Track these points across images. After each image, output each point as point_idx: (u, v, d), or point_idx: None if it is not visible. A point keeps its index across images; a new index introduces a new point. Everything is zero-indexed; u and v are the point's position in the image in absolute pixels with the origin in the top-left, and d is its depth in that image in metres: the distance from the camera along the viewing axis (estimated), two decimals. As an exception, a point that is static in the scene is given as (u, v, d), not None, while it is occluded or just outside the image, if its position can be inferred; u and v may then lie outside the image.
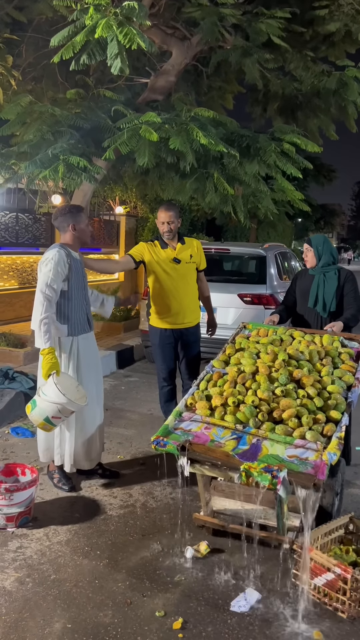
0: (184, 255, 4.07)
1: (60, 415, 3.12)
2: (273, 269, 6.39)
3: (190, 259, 4.09)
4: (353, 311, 3.78)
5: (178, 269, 4.06)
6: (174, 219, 4.00)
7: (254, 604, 2.54)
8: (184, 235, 4.22)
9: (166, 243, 4.09)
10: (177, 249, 4.06)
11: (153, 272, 4.10)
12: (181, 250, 4.07)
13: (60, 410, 3.09)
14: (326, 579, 2.53)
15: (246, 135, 5.26)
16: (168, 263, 4.05)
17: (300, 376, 2.98)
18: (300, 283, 3.99)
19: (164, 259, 4.06)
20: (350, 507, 3.48)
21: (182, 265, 4.06)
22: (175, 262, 4.04)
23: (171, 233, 4.01)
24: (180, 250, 4.07)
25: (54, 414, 3.09)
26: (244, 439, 2.68)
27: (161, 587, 2.64)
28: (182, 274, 4.07)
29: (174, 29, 6.28)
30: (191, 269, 4.11)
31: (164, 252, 4.07)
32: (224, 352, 3.43)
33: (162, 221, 4.02)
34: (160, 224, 4.04)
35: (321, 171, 21.02)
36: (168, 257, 4.05)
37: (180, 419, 2.89)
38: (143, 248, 4.12)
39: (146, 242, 4.15)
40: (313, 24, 6.61)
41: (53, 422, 3.15)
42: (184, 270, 4.07)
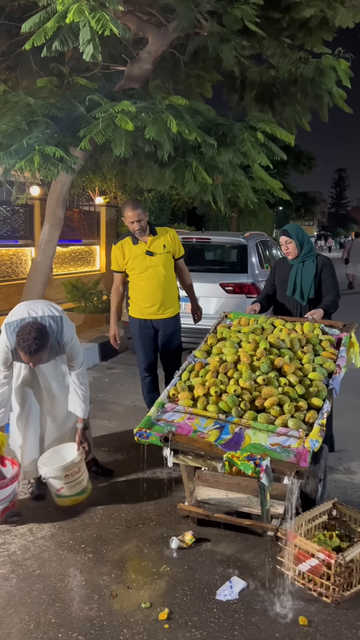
0: (157, 247, 4.04)
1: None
2: (254, 258, 6.38)
3: (164, 249, 4.05)
4: (332, 297, 3.79)
5: (152, 261, 4.03)
6: (142, 217, 3.94)
7: (239, 592, 2.55)
8: (156, 224, 4.16)
9: (137, 238, 4.05)
10: (149, 241, 4.03)
11: (129, 268, 4.08)
12: (153, 242, 4.04)
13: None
14: (310, 564, 2.55)
15: (222, 124, 5.22)
16: (142, 257, 4.02)
17: (281, 364, 2.98)
18: (279, 271, 3.99)
19: (137, 254, 4.02)
20: (334, 492, 3.52)
21: (156, 257, 4.03)
22: (149, 255, 4.01)
23: (142, 230, 3.97)
24: (152, 242, 4.03)
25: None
26: (226, 429, 2.67)
27: (147, 579, 2.64)
28: (158, 266, 4.03)
29: (149, 15, 6.19)
30: (167, 259, 4.08)
31: (137, 247, 4.03)
32: (206, 342, 3.42)
33: (130, 221, 3.95)
34: (130, 224, 3.97)
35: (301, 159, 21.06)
36: (141, 251, 4.02)
37: (163, 410, 2.87)
38: (117, 254, 4.10)
39: (117, 244, 4.10)
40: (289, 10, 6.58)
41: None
42: (158, 261, 4.04)
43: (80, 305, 8.36)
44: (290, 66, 6.07)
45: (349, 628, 2.35)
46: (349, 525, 2.91)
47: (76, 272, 10.40)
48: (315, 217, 42.26)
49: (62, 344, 3.14)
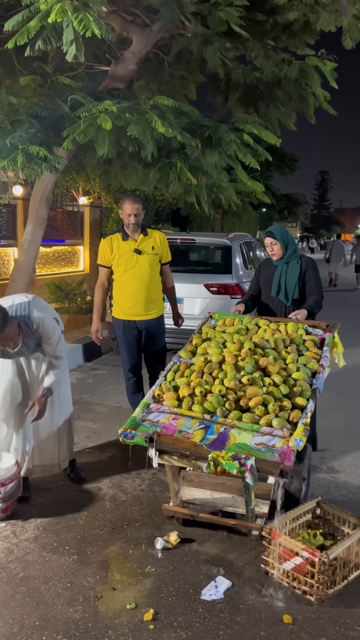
0: (146, 247, 4.04)
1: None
2: (238, 259, 6.41)
3: (152, 250, 4.06)
4: (316, 298, 3.82)
5: (140, 260, 4.03)
6: (140, 211, 3.97)
7: (224, 591, 2.56)
8: (148, 226, 4.18)
9: (128, 235, 4.05)
10: (139, 240, 4.03)
11: (115, 264, 4.07)
12: (143, 241, 4.04)
13: None
14: (295, 563, 2.57)
15: (207, 125, 5.23)
16: (130, 254, 4.02)
17: (266, 364, 3.00)
18: (263, 272, 4.01)
19: (125, 251, 4.02)
20: (318, 491, 3.54)
21: (144, 257, 4.03)
22: (137, 254, 4.01)
23: (137, 225, 3.98)
24: (141, 242, 4.03)
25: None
26: (211, 429, 2.68)
27: (132, 580, 2.63)
28: (144, 266, 4.03)
29: (134, 16, 6.18)
30: (154, 260, 4.08)
31: (126, 244, 4.03)
32: (191, 343, 3.42)
33: (128, 213, 3.98)
34: (127, 216, 3.99)
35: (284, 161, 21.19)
36: (129, 248, 4.02)
37: (148, 410, 2.87)
38: (105, 248, 4.10)
39: (106, 238, 4.11)
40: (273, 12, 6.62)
41: None
42: (145, 261, 4.04)
43: (64, 305, 8.31)
44: (274, 68, 6.11)
45: (333, 625, 2.37)
46: (332, 523, 2.93)
47: (60, 272, 10.35)
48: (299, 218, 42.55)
49: (32, 326, 3.07)
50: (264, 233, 3.94)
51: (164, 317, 4.27)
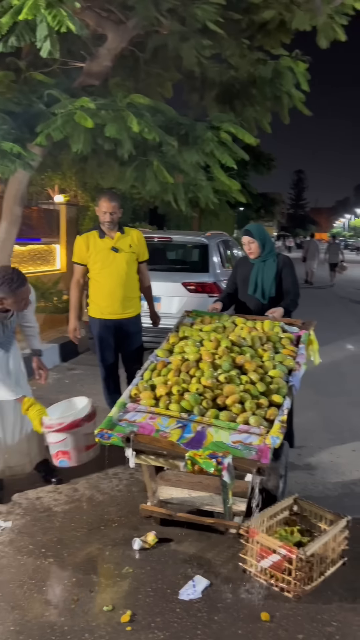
0: (123, 245, 4.01)
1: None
2: (216, 257, 6.41)
3: (130, 248, 4.03)
4: (292, 296, 3.84)
5: (117, 258, 4.00)
6: (116, 210, 3.93)
7: (202, 590, 2.55)
8: (124, 224, 4.15)
9: (104, 233, 4.01)
10: (116, 238, 4.00)
11: (92, 262, 4.03)
12: (119, 239, 4.01)
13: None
14: (272, 560, 2.57)
15: (184, 124, 5.21)
16: (106, 252, 3.98)
17: (243, 362, 3.00)
18: (240, 270, 4.02)
19: (102, 248, 3.99)
20: (295, 488, 3.55)
21: (121, 255, 4.00)
22: (114, 252, 3.98)
23: (112, 223, 3.94)
24: (118, 239, 4.00)
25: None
26: (188, 427, 2.67)
27: (109, 581, 2.61)
28: (121, 264, 4.00)
29: (108, 12, 6.12)
30: (131, 258, 4.05)
31: (102, 242, 4.00)
32: (168, 341, 3.40)
33: (104, 211, 3.94)
34: (102, 214, 3.96)
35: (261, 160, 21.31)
36: (106, 246, 3.98)
37: (125, 410, 2.85)
38: (81, 245, 4.05)
39: (82, 235, 4.07)
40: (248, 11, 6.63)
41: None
42: (123, 259, 4.01)
43: (40, 305, 8.22)
44: (249, 67, 6.12)
45: (310, 622, 2.38)
46: (309, 520, 2.94)
47: (35, 271, 10.22)
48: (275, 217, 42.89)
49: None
50: (242, 231, 3.94)
51: (140, 316, 4.24)
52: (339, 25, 5.82)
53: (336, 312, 11.78)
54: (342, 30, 5.84)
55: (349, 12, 5.67)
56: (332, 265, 18.32)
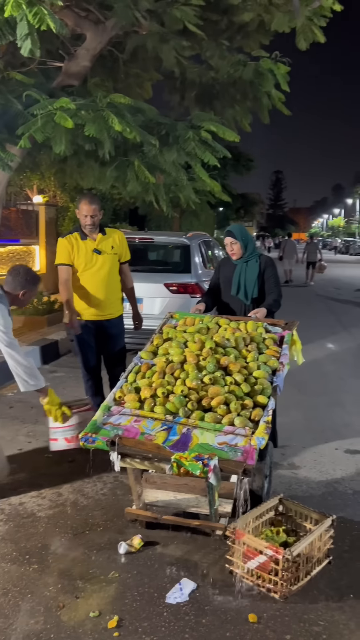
0: (105, 246, 3.99)
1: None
2: (197, 258, 6.41)
3: (112, 250, 4.01)
4: (275, 296, 3.86)
5: (99, 260, 3.98)
6: (97, 212, 3.90)
7: (189, 593, 2.54)
8: (106, 225, 4.12)
9: (86, 234, 3.98)
10: (98, 239, 3.97)
11: (75, 264, 3.99)
12: (102, 241, 3.98)
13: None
14: (258, 561, 2.57)
15: (165, 123, 5.20)
16: (88, 254, 3.95)
17: (227, 363, 2.99)
18: (223, 271, 4.01)
19: (84, 250, 3.96)
20: (279, 488, 3.57)
21: (103, 257, 3.98)
22: (96, 253, 3.95)
23: (93, 226, 3.92)
24: (100, 241, 3.98)
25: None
26: (174, 429, 2.65)
27: (95, 587, 2.58)
28: (103, 265, 3.98)
29: (87, 12, 6.08)
30: (113, 260, 4.03)
31: (84, 244, 3.97)
32: (152, 343, 3.38)
33: (84, 214, 3.92)
34: (83, 217, 3.93)
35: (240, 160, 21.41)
36: (88, 248, 3.96)
37: (109, 413, 2.82)
38: (64, 247, 4.02)
39: (64, 237, 4.03)
40: (228, 13, 6.64)
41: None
42: (104, 261, 3.99)
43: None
44: (229, 68, 6.13)
45: (297, 622, 2.39)
46: (295, 520, 2.95)
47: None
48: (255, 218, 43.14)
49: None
50: (224, 232, 3.94)
51: (122, 318, 4.22)
52: (317, 27, 5.87)
53: (317, 312, 11.89)
54: (320, 32, 5.89)
55: (327, 14, 5.73)
56: (310, 264, 18.85)
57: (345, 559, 2.84)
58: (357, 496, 3.53)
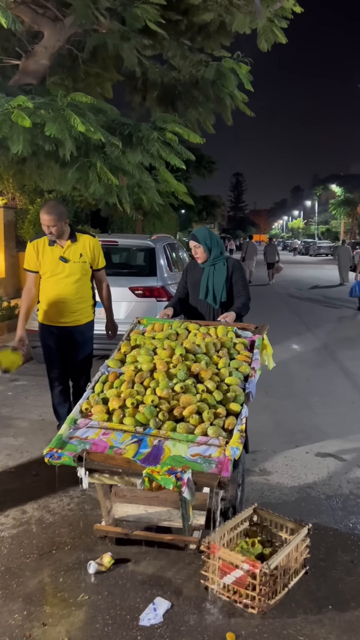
0: (72, 254, 3.84)
1: None
2: (162, 261, 6.30)
3: (80, 258, 3.86)
4: (243, 300, 3.78)
5: (65, 268, 3.84)
6: (55, 223, 3.73)
7: (164, 614, 2.42)
8: (80, 231, 3.96)
9: (54, 240, 3.83)
10: (65, 246, 3.82)
11: (42, 270, 3.85)
12: (70, 248, 3.84)
13: None
14: (235, 576, 2.47)
15: (128, 124, 5.08)
16: (54, 262, 3.81)
17: (198, 370, 2.89)
18: (191, 275, 3.92)
19: (49, 257, 3.81)
20: (252, 495, 3.50)
21: (70, 265, 3.84)
22: (63, 261, 3.81)
23: (53, 235, 3.77)
24: (67, 248, 3.83)
25: None
26: (145, 442, 2.53)
27: (63, 612, 2.43)
28: (70, 274, 3.84)
29: (45, 9, 5.91)
30: (82, 268, 3.89)
31: (51, 250, 3.83)
32: (119, 351, 3.25)
33: (43, 224, 3.77)
34: (44, 227, 3.78)
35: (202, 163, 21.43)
36: (55, 255, 3.81)
37: (75, 426, 2.67)
38: (31, 252, 3.89)
39: (32, 242, 3.88)
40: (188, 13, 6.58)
41: None
42: (71, 269, 3.85)
43: (-21, 313, 7.84)
44: (191, 68, 6.06)
45: (277, 638, 2.30)
46: (270, 530, 2.88)
47: (-27, 278, 9.77)
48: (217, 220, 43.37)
49: None
50: (189, 236, 3.85)
51: (90, 325, 4.06)
52: (278, 28, 5.87)
53: (280, 313, 11.96)
54: (282, 33, 5.90)
55: (288, 16, 5.74)
56: (270, 264, 19.68)
57: (322, 568, 2.78)
58: (330, 501, 3.48)
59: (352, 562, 2.84)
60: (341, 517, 3.29)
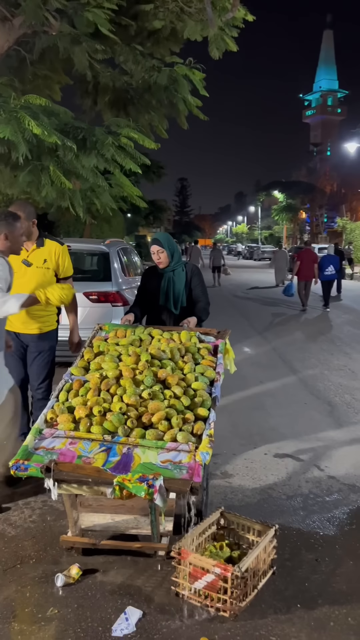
0: (36, 259, 3.74)
1: None
2: (117, 265, 6.26)
3: (44, 263, 3.77)
4: (203, 304, 3.81)
5: (27, 272, 3.73)
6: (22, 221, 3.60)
7: (136, 623, 2.40)
8: (50, 237, 3.86)
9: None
10: (30, 250, 3.73)
11: None
12: (34, 252, 3.74)
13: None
14: (206, 580, 2.48)
15: (82, 127, 5.02)
16: (18, 265, 3.70)
17: (165, 376, 2.89)
18: (150, 281, 3.89)
19: (15, 260, 3.69)
20: (216, 498, 3.53)
21: (32, 270, 3.74)
22: (25, 265, 3.71)
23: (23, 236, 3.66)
24: (32, 252, 3.73)
25: None
26: (114, 450, 2.50)
27: (32, 627, 2.36)
28: (31, 279, 3.73)
29: (-8, 8, 5.76)
30: (44, 274, 3.78)
31: None
32: (82, 358, 3.20)
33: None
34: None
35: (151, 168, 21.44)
36: (19, 258, 3.70)
37: (41, 436, 2.61)
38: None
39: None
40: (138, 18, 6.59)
41: None
42: (33, 274, 3.75)
43: None
44: (143, 73, 6.07)
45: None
46: (237, 532, 2.91)
47: None
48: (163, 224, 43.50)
49: None
50: (151, 240, 3.83)
51: (52, 334, 3.94)
52: (229, 37, 5.98)
53: (229, 316, 12.13)
54: (232, 42, 6.01)
55: (239, 25, 5.85)
56: (215, 268, 20.49)
57: (288, 568, 2.84)
58: (291, 502, 3.56)
59: (316, 561, 2.91)
60: (303, 516, 3.37)
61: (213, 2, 5.44)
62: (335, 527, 3.25)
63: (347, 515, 3.40)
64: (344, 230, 34.45)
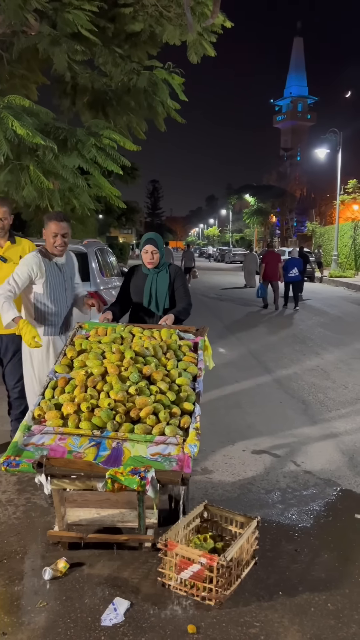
0: (12, 255, 3.76)
1: None
2: (95, 265, 6.29)
3: (20, 260, 3.78)
4: (184, 304, 3.87)
5: (3, 268, 3.74)
6: (7, 215, 3.65)
7: (124, 612, 2.46)
8: (16, 234, 3.88)
9: None
10: (5, 247, 3.73)
11: None
12: (9, 248, 3.75)
13: None
14: (192, 570, 2.56)
15: (63, 128, 5.05)
16: None
17: (150, 372, 2.96)
18: (134, 280, 3.93)
19: None
20: (197, 493, 3.60)
21: (9, 265, 3.75)
22: (2, 261, 3.71)
23: (3, 230, 3.67)
24: (7, 249, 3.74)
25: None
26: (103, 444, 2.56)
27: (23, 619, 2.40)
28: (7, 275, 3.74)
29: (-30, 6, 5.73)
30: None
31: None
32: (65, 356, 3.24)
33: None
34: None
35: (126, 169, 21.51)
36: None
37: (30, 433, 2.65)
38: None
39: None
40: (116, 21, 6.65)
41: None
42: (9, 270, 3.75)
43: None
44: (123, 76, 6.13)
45: (235, 626, 2.41)
46: (220, 524, 2.99)
47: None
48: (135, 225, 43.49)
49: None
50: (143, 240, 3.84)
51: None
52: (208, 42, 6.09)
53: (204, 318, 12.22)
54: (211, 47, 6.12)
55: (217, 31, 5.96)
56: (187, 269, 20.95)
57: (269, 558, 2.94)
58: (270, 495, 3.67)
59: (295, 551, 3.02)
60: (282, 509, 3.48)
61: (192, 7, 5.54)
62: (313, 520, 3.37)
63: (323, 508, 3.52)
64: (314, 234, 35.09)
